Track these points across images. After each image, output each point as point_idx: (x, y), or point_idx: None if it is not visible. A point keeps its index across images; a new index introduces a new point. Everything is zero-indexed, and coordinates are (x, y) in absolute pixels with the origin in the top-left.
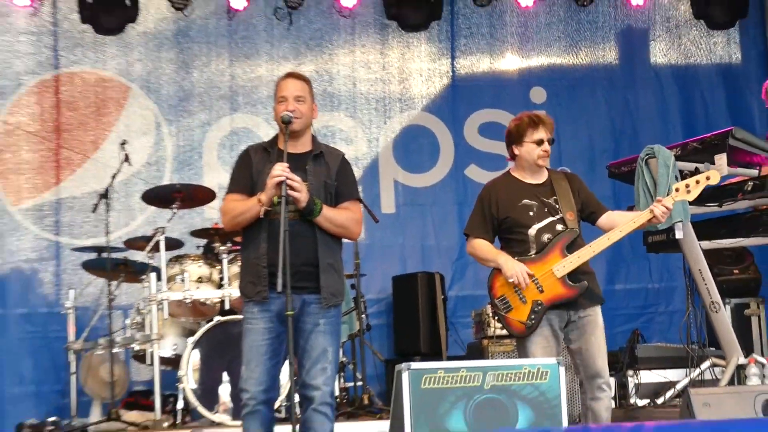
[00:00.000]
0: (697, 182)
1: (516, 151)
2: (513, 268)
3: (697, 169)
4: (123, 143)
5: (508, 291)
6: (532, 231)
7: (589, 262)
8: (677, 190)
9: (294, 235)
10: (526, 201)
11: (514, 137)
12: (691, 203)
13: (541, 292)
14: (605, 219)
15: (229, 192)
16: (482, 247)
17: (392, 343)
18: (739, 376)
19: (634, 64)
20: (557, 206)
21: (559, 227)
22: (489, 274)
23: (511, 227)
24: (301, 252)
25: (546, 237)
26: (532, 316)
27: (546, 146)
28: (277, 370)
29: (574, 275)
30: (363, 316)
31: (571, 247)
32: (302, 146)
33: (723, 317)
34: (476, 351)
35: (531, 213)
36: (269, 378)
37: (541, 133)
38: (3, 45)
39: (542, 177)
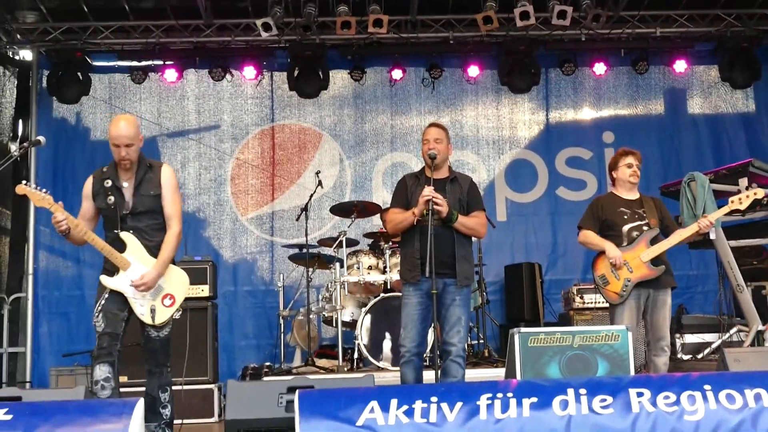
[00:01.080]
0: (747, 196)
1: (614, 175)
2: (614, 252)
3: (748, 187)
4: (317, 173)
5: (606, 270)
6: (625, 228)
7: (666, 256)
8: (732, 201)
9: (438, 237)
10: (622, 208)
11: (612, 165)
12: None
13: (631, 272)
14: (672, 233)
15: (391, 206)
16: (592, 235)
17: (504, 313)
18: (759, 339)
19: (677, 114)
20: (645, 214)
21: (645, 228)
22: (592, 259)
23: (611, 225)
24: (443, 248)
25: (635, 233)
26: (624, 289)
27: (635, 169)
28: (425, 332)
29: (655, 261)
30: (484, 293)
31: (654, 242)
32: (442, 174)
33: (746, 296)
34: (564, 319)
35: (625, 216)
36: (420, 337)
37: (631, 159)
38: (237, 106)
39: (635, 196)
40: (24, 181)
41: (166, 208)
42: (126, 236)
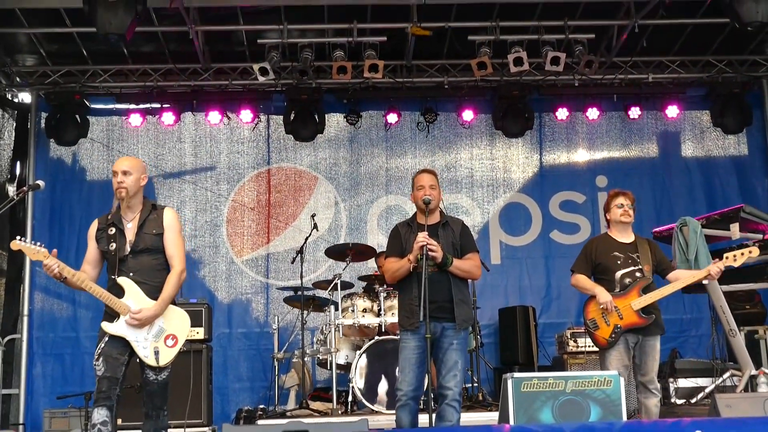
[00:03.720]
0: (742, 254)
1: (608, 217)
2: (605, 297)
3: (744, 245)
4: (313, 216)
5: (597, 315)
6: (618, 275)
7: (657, 303)
8: (727, 258)
9: (434, 282)
10: (616, 253)
11: (605, 208)
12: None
13: (621, 318)
14: (672, 275)
15: (387, 257)
16: (584, 280)
17: (498, 356)
18: (752, 384)
19: (670, 158)
20: (638, 260)
21: (638, 275)
22: (584, 302)
23: (604, 270)
24: (440, 292)
25: (627, 280)
26: (613, 335)
27: (626, 208)
28: (423, 375)
29: (646, 309)
30: (478, 336)
31: (646, 290)
32: (434, 219)
33: (739, 340)
34: (558, 363)
35: (619, 262)
36: (417, 381)
37: (621, 200)
38: (233, 148)
39: (630, 239)
40: (18, 237)
41: (168, 249)
42: (123, 281)
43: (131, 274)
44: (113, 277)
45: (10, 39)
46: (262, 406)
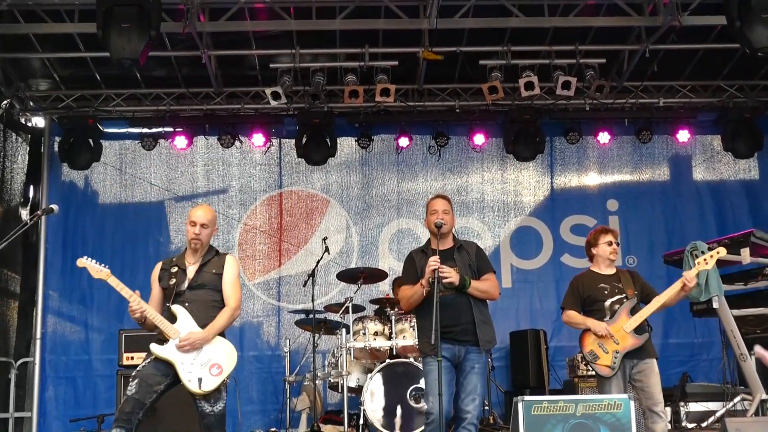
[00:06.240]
0: (711, 256)
1: (593, 252)
2: (599, 325)
3: (710, 248)
4: (324, 239)
5: (594, 346)
6: (607, 303)
7: (647, 325)
8: (698, 263)
9: (455, 305)
10: (602, 285)
11: (591, 243)
12: (724, 282)
13: (617, 344)
14: (655, 299)
15: (402, 284)
16: (575, 315)
17: (510, 379)
18: (762, 408)
19: (681, 182)
20: (622, 287)
21: (625, 300)
22: (579, 336)
23: (593, 301)
24: (462, 315)
25: (616, 307)
26: (614, 361)
27: (614, 246)
28: (450, 398)
29: (638, 330)
30: (489, 359)
31: (633, 311)
32: (447, 244)
33: (749, 364)
34: (569, 386)
35: (606, 292)
36: (448, 403)
37: (610, 238)
38: (245, 172)
39: (612, 271)
40: (85, 257)
41: (225, 289)
42: (176, 308)
43: (186, 304)
44: (168, 304)
45: (24, 64)
46: (273, 429)
